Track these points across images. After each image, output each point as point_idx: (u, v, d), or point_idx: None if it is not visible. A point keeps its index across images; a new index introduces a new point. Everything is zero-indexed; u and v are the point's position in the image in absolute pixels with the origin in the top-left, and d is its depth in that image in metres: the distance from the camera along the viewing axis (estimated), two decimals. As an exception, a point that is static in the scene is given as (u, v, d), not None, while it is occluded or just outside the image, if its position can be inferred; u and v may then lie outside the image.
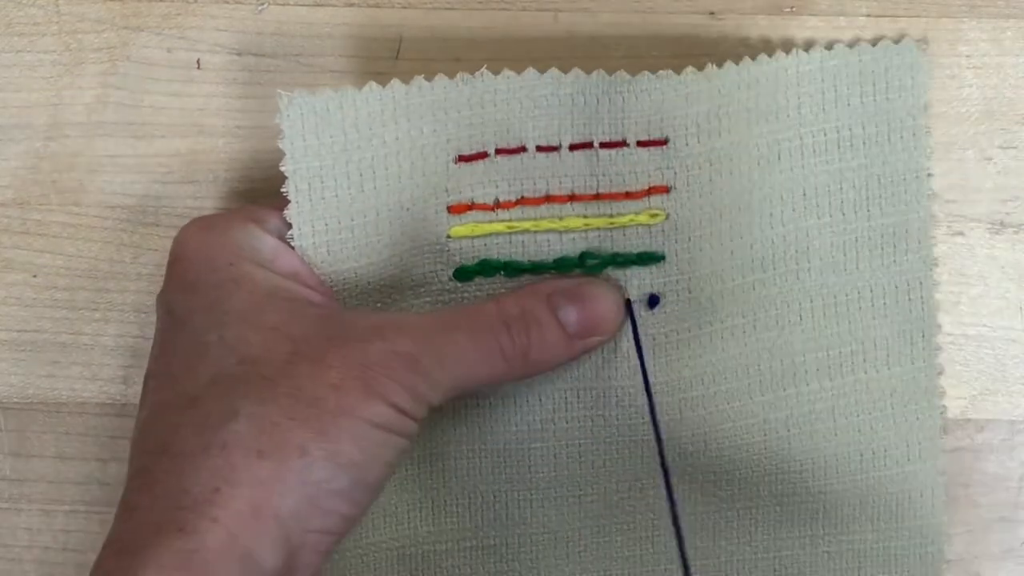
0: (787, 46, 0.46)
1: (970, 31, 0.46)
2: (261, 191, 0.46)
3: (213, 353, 0.37)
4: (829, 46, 0.44)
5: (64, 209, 0.46)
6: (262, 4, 0.46)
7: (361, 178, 0.42)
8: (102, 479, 0.46)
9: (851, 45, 0.44)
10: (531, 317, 0.41)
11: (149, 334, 0.45)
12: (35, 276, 0.46)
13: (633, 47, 0.46)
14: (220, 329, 0.37)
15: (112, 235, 0.46)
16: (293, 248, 0.42)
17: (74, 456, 0.46)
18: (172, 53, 0.46)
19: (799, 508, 0.45)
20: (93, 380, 0.46)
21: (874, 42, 0.44)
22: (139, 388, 0.46)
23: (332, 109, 0.42)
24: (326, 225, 0.42)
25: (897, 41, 0.44)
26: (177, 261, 0.40)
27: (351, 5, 0.46)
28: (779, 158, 0.44)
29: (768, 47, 0.46)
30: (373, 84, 0.42)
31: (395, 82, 0.42)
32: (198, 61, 0.46)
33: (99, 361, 0.46)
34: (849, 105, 0.44)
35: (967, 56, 0.46)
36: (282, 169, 0.42)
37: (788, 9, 0.46)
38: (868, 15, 0.46)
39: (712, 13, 0.46)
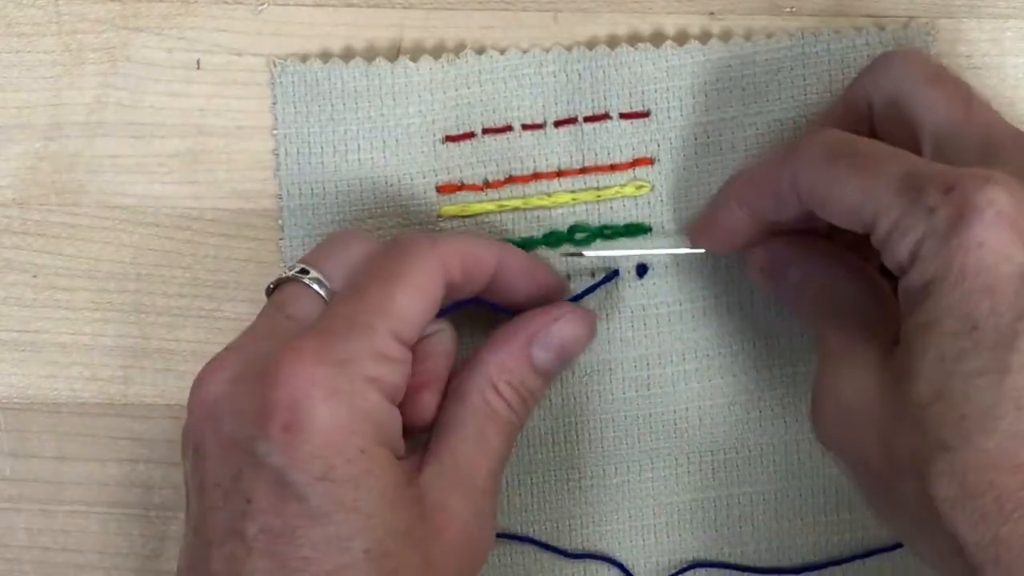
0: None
1: (970, 31, 0.46)
2: (261, 191, 0.46)
3: (360, 566, 0.36)
4: (836, 30, 0.45)
5: (64, 209, 0.46)
6: (262, 4, 0.46)
7: (346, 148, 0.45)
8: (102, 479, 0.46)
9: (858, 29, 0.45)
10: (526, 392, 0.42)
11: (149, 334, 0.46)
12: (35, 276, 0.46)
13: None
14: (364, 538, 0.36)
15: (112, 235, 0.46)
16: (395, 409, 0.39)
17: (74, 456, 0.46)
18: (172, 53, 0.46)
19: (800, 493, 0.45)
20: (93, 380, 0.46)
21: (882, 27, 0.45)
22: (139, 388, 0.46)
23: (321, 79, 0.45)
24: (312, 189, 0.45)
25: (905, 26, 0.45)
26: (303, 433, 0.36)
27: (351, 5, 0.46)
28: (782, 137, 0.44)
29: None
30: (360, 60, 0.45)
31: (380, 60, 0.45)
32: (198, 61, 0.46)
33: (99, 361, 0.46)
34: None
35: (967, 56, 0.46)
36: (273, 134, 0.45)
37: (788, 9, 0.46)
38: (868, 15, 0.46)
39: (712, 13, 0.46)
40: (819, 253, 0.41)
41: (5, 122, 0.46)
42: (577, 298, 0.44)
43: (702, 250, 0.44)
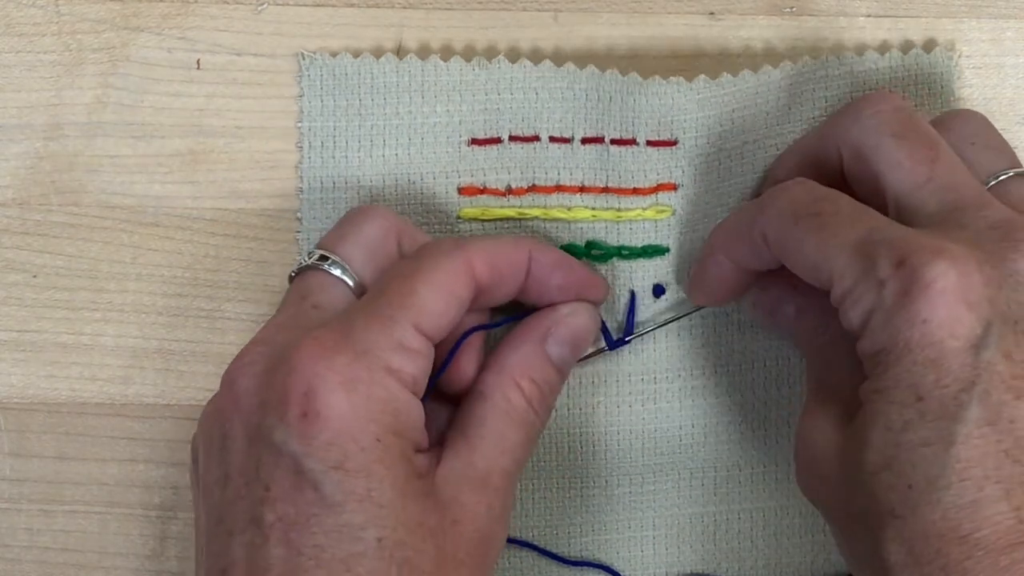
0: (789, 48, 0.46)
1: (970, 31, 0.46)
2: (261, 191, 0.46)
3: (372, 555, 0.36)
4: (859, 52, 0.45)
5: (64, 209, 0.46)
6: (262, 4, 0.46)
7: (371, 143, 0.45)
8: (102, 479, 0.46)
9: (882, 52, 0.45)
10: (547, 387, 0.42)
11: (149, 334, 0.46)
12: (35, 276, 0.46)
13: (633, 47, 0.46)
14: (376, 527, 0.36)
15: (112, 235, 0.46)
16: (417, 399, 0.39)
17: (74, 456, 0.46)
18: (172, 53, 0.46)
19: (801, 512, 0.45)
20: (93, 380, 0.46)
21: (905, 49, 0.45)
22: (139, 388, 0.46)
23: (350, 73, 0.45)
24: (334, 183, 0.45)
25: (928, 50, 0.45)
26: (319, 420, 0.36)
27: (351, 5, 0.46)
28: None
29: (768, 48, 0.46)
30: (391, 55, 0.45)
31: (412, 58, 0.45)
32: (198, 61, 0.46)
33: (99, 361, 0.46)
34: None
35: (967, 56, 0.46)
36: (298, 126, 0.45)
37: (788, 9, 0.46)
38: (868, 15, 0.46)
39: (712, 13, 0.46)
40: (814, 291, 0.42)
41: (5, 122, 0.46)
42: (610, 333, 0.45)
43: (704, 307, 0.44)
